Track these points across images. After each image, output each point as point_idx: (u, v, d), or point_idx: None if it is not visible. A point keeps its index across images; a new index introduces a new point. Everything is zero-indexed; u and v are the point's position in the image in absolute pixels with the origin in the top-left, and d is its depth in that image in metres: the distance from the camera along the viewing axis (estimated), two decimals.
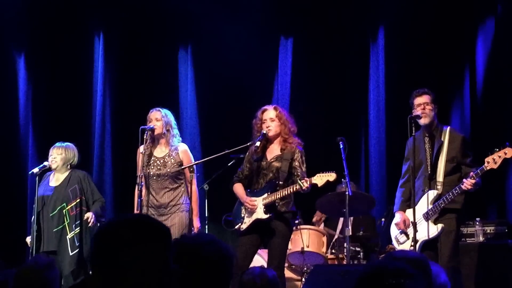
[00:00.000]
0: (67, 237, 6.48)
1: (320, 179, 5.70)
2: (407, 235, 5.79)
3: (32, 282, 3.66)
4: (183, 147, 6.47)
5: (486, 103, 7.81)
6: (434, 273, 2.99)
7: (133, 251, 1.63)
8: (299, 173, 5.80)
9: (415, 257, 2.85)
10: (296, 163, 5.87)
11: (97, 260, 1.69)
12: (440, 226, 5.61)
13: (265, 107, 6.10)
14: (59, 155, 6.61)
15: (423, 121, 5.76)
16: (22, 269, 3.80)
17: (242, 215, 5.98)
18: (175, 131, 6.49)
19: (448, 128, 5.86)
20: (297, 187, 5.68)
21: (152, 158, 6.42)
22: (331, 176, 5.70)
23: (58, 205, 6.52)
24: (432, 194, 5.68)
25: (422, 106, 5.77)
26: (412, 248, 5.59)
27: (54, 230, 6.48)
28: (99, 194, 6.74)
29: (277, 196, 5.80)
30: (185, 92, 8.77)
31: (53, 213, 6.52)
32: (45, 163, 6.66)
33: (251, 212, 5.90)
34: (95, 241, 1.73)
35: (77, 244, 6.47)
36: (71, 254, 6.44)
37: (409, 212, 5.76)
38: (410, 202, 5.77)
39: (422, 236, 5.61)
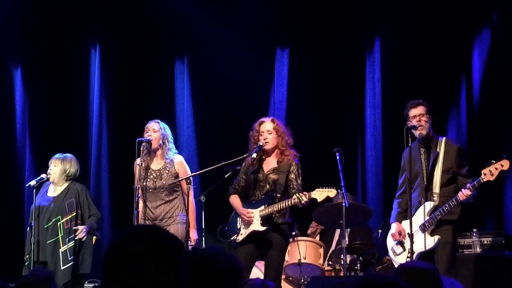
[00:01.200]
0: (60, 250, 6.40)
1: (320, 194, 5.72)
2: (403, 247, 5.80)
3: None
4: (179, 159, 6.47)
5: (483, 114, 7.83)
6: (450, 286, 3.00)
7: (145, 271, 1.61)
8: (294, 186, 5.83)
9: (427, 269, 2.85)
10: (292, 176, 5.88)
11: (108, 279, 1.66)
12: (436, 237, 5.62)
13: (263, 119, 6.12)
14: (56, 167, 6.57)
15: (419, 133, 5.77)
16: (21, 282, 3.78)
17: (238, 227, 5.99)
18: (171, 145, 6.50)
19: (444, 139, 5.88)
20: (296, 200, 5.69)
21: (149, 170, 6.43)
22: (331, 192, 5.74)
23: (53, 217, 6.47)
24: (428, 205, 5.69)
25: (417, 117, 5.78)
26: (408, 259, 5.60)
27: (48, 242, 6.43)
28: (95, 209, 6.67)
29: (275, 209, 5.81)
30: (182, 103, 8.78)
31: (48, 225, 6.46)
32: (42, 175, 6.62)
33: (247, 223, 5.91)
34: (105, 261, 1.69)
35: (69, 258, 6.39)
36: (62, 268, 6.36)
37: (405, 223, 5.77)
38: (406, 213, 5.78)
39: (418, 247, 5.61)
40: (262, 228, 5.82)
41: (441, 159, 5.76)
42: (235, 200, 6.06)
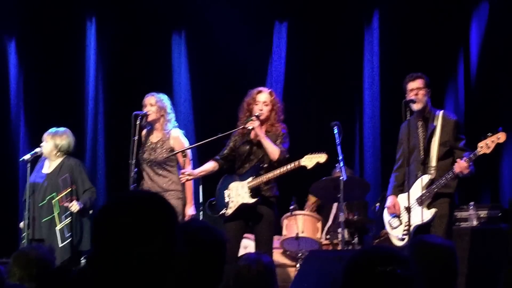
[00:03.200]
0: (56, 228, 6.40)
1: (309, 161, 5.69)
2: (400, 220, 5.87)
3: (32, 258, 3.70)
4: (175, 133, 6.45)
5: (480, 87, 7.87)
6: None
7: (138, 236, 1.59)
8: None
9: (444, 244, 2.92)
10: (277, 142, 5.87)
11: (98, 244, 1.63)
12: (433, 210, 5.69)
13: (261, 88, 6.11)
14: (47, 142, 6.54)
15: (416, 107, 5.81)
16: (21, 249, 3.88)
17: (226, 200, 5.99)
18: (170, 115, 6.48)
19: (441, 112, 5.91)
20: (283, 169, 5.71)
21: (148, 143, 6.46)
22: (322, 158, 5.71)
23: (47, 194, 6.44)
24: (425, 178, 5.75)
25: (415, 91, 5.82)
26: (405, 232, 5.68)
27: (43, 220, 6.43)
28: (90, 183, 6.62)
29: (263, 179, 5.83)
30: (179, 77, 8.79)
31: (43, 203, 6.45)
32: (37, 149, 6.59)
33: (235, 196, 5.93)
34: (95, 226, 1.65)
35: (67, 235, 6.39)
36: (60, 245, 6.35)
37: (402, 196, 5.84)
38: (403, 187, 5.85)
39: (415, 220, 5.68)
40: (252, 200, 5.82)
41: (438, 132, 5.80)
42: (207, 163, 6.10)
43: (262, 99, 5.98)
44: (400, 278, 2.06)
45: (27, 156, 6.55)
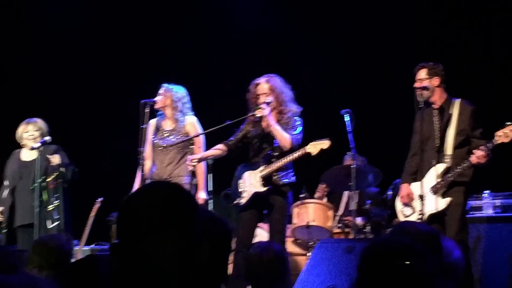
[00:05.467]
0: (46, 210, 6.63)
1: (314, 148, 5.76)
2: (412, 209, 5.90)
3: (51, 247, 3.82)
4: (190, 119, 6.58)
5: None
6: (448, 250, 3.02)
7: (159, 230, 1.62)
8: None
9: (426, 231, 2.88)
10: (288, 130, 5.92)
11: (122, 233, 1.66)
12: (448, 199, 5.70)
13: (257, 80, 6.11)
14: (37, 131, 6.78)
15: (418, 99, 5.85)
16: (41, 238, 4.04)
17: (240, 190, 6.09)
18: (183, 105, 6.57)
19: (458, 100, 5.88)
20: (290, 157, 5.77)
21: (161, 130, 6.57)
22: (325, 144, 5.76)
23: (37, 178, 6.64)
24: (440, 167, 5.75)
25: (418, 82, 5.87)
26: (419, 221, 5.71)
27: (33, 203, 6.59)
28: (71, 164, 6.85)
29: (273, 168, 5.90)
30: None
31: (33, 186, 6.65)
32: (46, 138, 6.75)
33: (248, 185, 6.01)
34: (119, 217, 1.69)
35: (56, 217, 6.63)
36: (49, 226, 6.59)
37: (415, 185, 5.87)
38: (416, 175, 5.88)
39: (429, 209, 5.69)
40: (264, 189, 5.91)
41: (454, 120, 5.80)
42: (215, 148, 6.16)
43: (261, 91, 6.02)
44: (417, 272, 2.09)
45: (37, 145, 6.69)
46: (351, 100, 7.69)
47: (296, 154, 5.83)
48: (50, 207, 6.66)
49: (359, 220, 7.12)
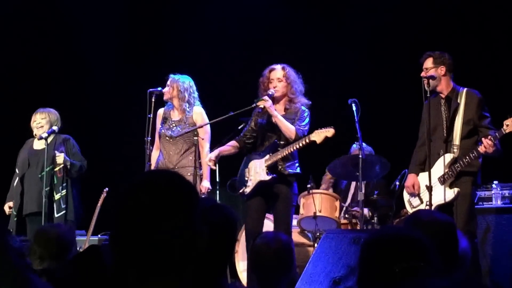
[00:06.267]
0: (54, 198, 6.71)
1: (318, 136, 5.77)
2: (420, 199, 5.90)
3: (51, 237, 3.82)
4: (198, 109, 6.64)
5: None
6: None
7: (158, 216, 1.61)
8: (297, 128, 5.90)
9: (442, 220, 2.86)
10: (296, 120, 5.95)
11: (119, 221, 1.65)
12: (456, 190, 5.70)
13: (273, 66, 6.17)
14: (44, 119, 6.86)
15: (426, 86, 5.85)
16: (41, 228, 4.03)
17: (246, 179, 6.12)
18: (190, 95, 6.62)
19: (465, 89, 5.88)
20: (295, 146, 5.80)
21: (168, 120, 6.63)
22: (329, 132, 5.77)
23: (46, 167, 6.71)
24: (448, 157, 5.75)
25: (424, 71, 5.87)
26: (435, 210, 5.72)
27: (42, 191, 6.67)
28: (81, 156, 6.95)
29: (278, 156, 5.92)
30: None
31: (41, 174, 6.74)
32: (54, 127, 6.85)
33: (254, 174, 6.04)
34: (117, 205, 1.68)
35: (63, 206, 6.70)
36: (56, 215, 6.67)
37: (423, 175, 5.88)
38: (424, 165, 5.88)
39: (437, 200, 5.69)
40: (268, 177, 5.94)
41: (461, 110, 5.79)
42: (228, 144, 6.19)
43: (276, 76, 6.06)
44: (420, 273, 2.07)
45: (44, 134, 6.76)
46: (358, 89, 7.71)
47: (301, 143, 5.86)
48: (57, 196, 6.72)
49: (366, 211, 7.13)
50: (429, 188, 5.63)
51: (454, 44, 7.17)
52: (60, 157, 6.72)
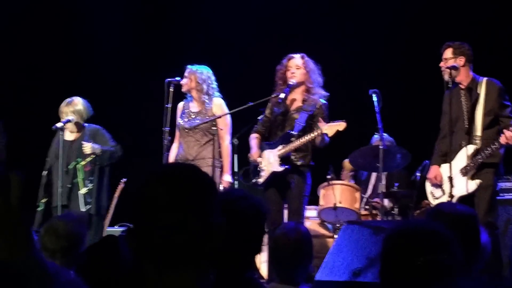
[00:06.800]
0: (80, 192, 6.68)
1: (330, 129, 5.79)
2: (443, 190, 5.88)
3: (61, 233, 3.77)
4: (217, 101, 6.64)
5: None
6: None
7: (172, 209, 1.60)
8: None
9: (465, 213, 2.89)
10: (317, 118, 5.94)
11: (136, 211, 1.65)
12: (477, 181, 5.67)
13: (292, 54, 6.19)
14: (71, 112, 6.78)
15: (445, 77, 5.81)
16: (51, 222, 3.93)
17: (258, 169, 6.13)
18: (209, 87, 6.62)
19: (485, 79, 5.85)
20: (308, 137, 5.81)
21: (187, 111, 6.63)
22: (341, 126, 5.78)
23: (72, 160, 6.71)
24: (470, 148, 5.73)
25: (443, 61, 5.84)
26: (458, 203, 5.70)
27: (68, 185, 6.68)
28: (114, 142, 6.88)
29: (291, 148, 5.92)
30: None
31: (68, 167, 6.72)
32: (69, 117, 6.79)
33: (267, 164, 6.04)
34: (133, 198, 1.67)
35: (89, 200, 6.67)
36: (82, 210, 6.63)
37: (445, 166, 5.84)
38: (446, 157, 5.85)
39: (459, 191, 5.69)
40: (281, 168, 5.95)
41: (482, 100, 5.76)
42: (252, 140, 6.21)
43: (294, 64, 6.09)
44: (442, 266, 2.07)
45: (59, 124, 6.72)
46: (379, 80, 7.68)
47: (313, 134, 5.85)
48: (83, 190, 6.70)
49: (386, 202, 7.11)
50: (450, 179, 5.59)
51: (475, 33, 7.12)
52: (87, 147, 6.65)
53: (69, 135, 6.86)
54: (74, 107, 6.79)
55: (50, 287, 1.35)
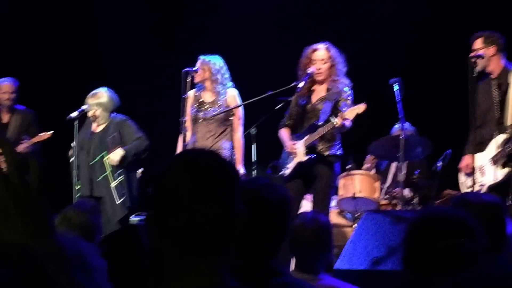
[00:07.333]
0: (111, 186, 6.69)
1: (350, 113, 5.76)
2: (473, 180, 5.87)
3: (75, 224, 3.80)
4: (231, 92, 6.63)
5: None
6: None
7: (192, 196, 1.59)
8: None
9: (489, 202, 2.89)
10: (341, 103, 5.92)
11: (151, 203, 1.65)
12: (506, 170, 5.67)
13: (316, 45, 6.10)
14: (95, 105, 6.78)
15: (476, 69, 5.77)
16: (64, 212, 3.94)
17: (287, 161, 6.13)
18: (223, 76, 6.60)
19: None
20: (328, 127, 5.79)
21: (201, 102, 6.62)
22: (360, 109, 5.75)
23: (98, 153, 6.74)
24: (500, 138, 5.74)
25: (473, 52, 5.79)
26: (483, 193, 5.70)
27: (98, 179, 6.71)
28: (139, 133, 6.85)
29: (316, 137, 5.89)
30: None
31: (94, 161, 6.74)
32: (84, 107, 6.79)
33: (294, 157, 6.04)
34: (153, 187, 1.67)
35: (122, 192, 6.68)
36: (118, 202, 6.66)
37: (478, 156, 5.83)
38: (479, 146, 5.84)
39: (488, 180, 5.71)
40: (306, 158, 5.93)
41: (511, 90, 5.75)
42: (283, 134, 6.18)
43: (319, 58, 6.00)
44: (464, 251, 2.08)
45: (74, 114, 6.73)
46: (401, 69, 7.62)
47: (333, 123, 5.83)
48: (114, 183, 6.70)
49: (406, 192, 7.09)
50: (482, 169, 5.66)
51: (505, 21, 7.03)
52: (112, 159, 6.66)
53: (96, 126, 6.87)
54: (98, 99, 6.80)
55: (69, 272, 1.36)
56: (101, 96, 6.82)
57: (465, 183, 5.98)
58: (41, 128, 7.39)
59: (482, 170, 5.67)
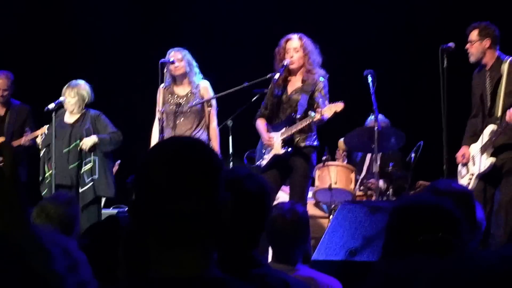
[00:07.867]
0: (80, 173, 6.82)
1: (329, 110, 5.79)
2: (467, 169, 5.99)
3: (53, 216, 3.78)
4: (204, 84, 6.66)
5: None
6: None
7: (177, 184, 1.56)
8: (319, 105, 5.89)
9: (459, 190, 2.96)
10: (317, 94, 5.97)
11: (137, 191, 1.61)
12: (492, 159, 5.79)
13: (289, 36, 6.14)
14: (72, 97, 6.85)
15: (470, 59, 5.87)
16: (41, 205, 3.92)
17: (263, 152, 6.17)
18: (196, 69, 6.66)
19: (509, 59, 5.89)
20: (306, 122, 5.85)
21: (174, 96, 6.62)
22: (338, 107, 5.78)
23: (72, 142, 6.82)
24: (489, 128, 5.85)
25: (468, 44, 5.88)
26: (469, 181, 5.80)
27: (70, 167, 6.80)
28: (113, 128, 6.98)
29: (294, 130, 5.95)
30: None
31: (68, 149, 6.83)
32: (61, 98, 6.85)
33: (271, 148, 6.09)
34: (136, 177, 1.62)
35: (87, 180, 6.78)
36: (80, 190, 6.78)
37: (473, 146, 5.97)
38: (475, 137, 5.96)
39: (476, 169, 5.84)
40: (282, 151, 5.98)
41: (504, 81, 5.81)
42: (259, 124, 6.21)
43: (292, 46, 6.04)
44: (446, 243, 2.12)
45: (51, 105, 6.78)
46: (376, 60, 7.70)
47: (310, 119, 5.87)
48: (82, 170, 6.82)
49: (381, 183, 7.17)
50: (472, 158, 5.80)
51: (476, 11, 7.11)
52: (85, 143, 6.78)
53: (69, 117, 6.94)
54: (77, 90, 6.87)
55: (48, 261, 1.36)
56: (79, 87, 6.90)
57: (460, 172, 6.09)
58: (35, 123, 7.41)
59: (474, 160, 5.80)
